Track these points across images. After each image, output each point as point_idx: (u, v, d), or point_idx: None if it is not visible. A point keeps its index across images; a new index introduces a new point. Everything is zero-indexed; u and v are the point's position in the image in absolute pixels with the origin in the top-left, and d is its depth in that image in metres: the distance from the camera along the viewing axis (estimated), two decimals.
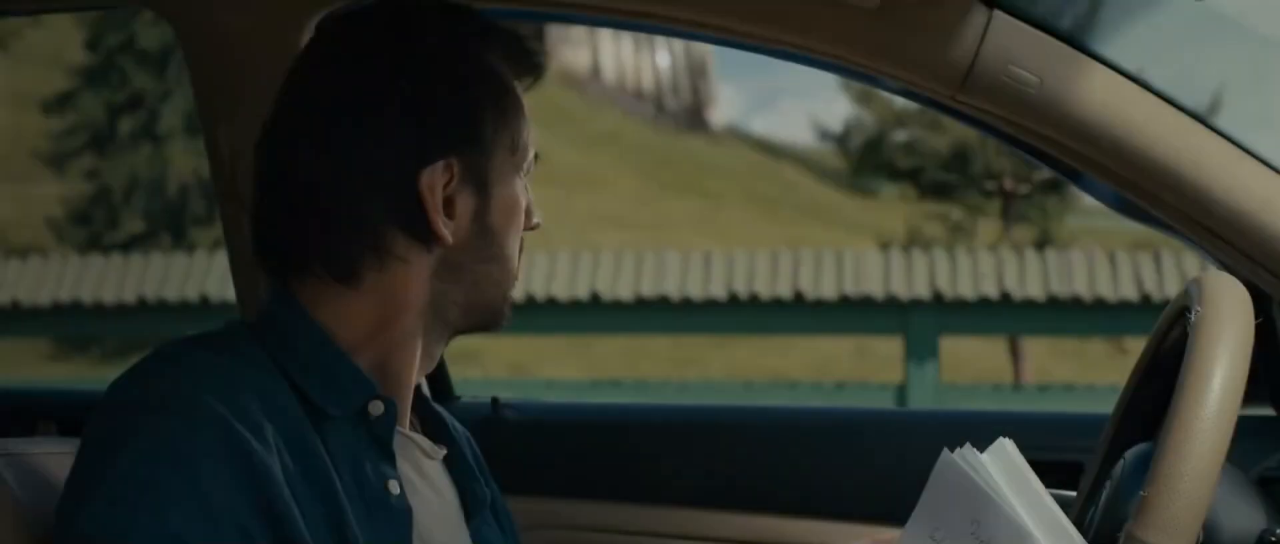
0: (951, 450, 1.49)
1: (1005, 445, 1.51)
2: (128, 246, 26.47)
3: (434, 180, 1.61)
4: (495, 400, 2.69)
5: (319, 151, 1.60)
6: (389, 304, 1.63)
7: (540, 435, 2.68)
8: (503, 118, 1.68)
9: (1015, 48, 1.85)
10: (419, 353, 1.68)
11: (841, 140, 27.06)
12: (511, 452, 2.54)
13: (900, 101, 23.81)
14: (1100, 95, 1.85)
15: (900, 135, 25.82)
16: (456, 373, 2.80)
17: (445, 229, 1.62)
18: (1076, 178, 2.00)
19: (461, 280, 1.68)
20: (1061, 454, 2.35)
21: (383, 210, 1.60)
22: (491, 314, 1.73)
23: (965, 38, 1.84)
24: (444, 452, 1.76)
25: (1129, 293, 12.24)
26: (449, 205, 1.63)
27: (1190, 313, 1.50)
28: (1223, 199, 1.83)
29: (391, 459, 1.62)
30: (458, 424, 1.84)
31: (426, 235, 1.62)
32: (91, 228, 31.56)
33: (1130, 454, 1.64)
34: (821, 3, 1.85)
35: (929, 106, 2.02)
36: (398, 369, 1.66)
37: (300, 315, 1.62)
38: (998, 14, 1.85)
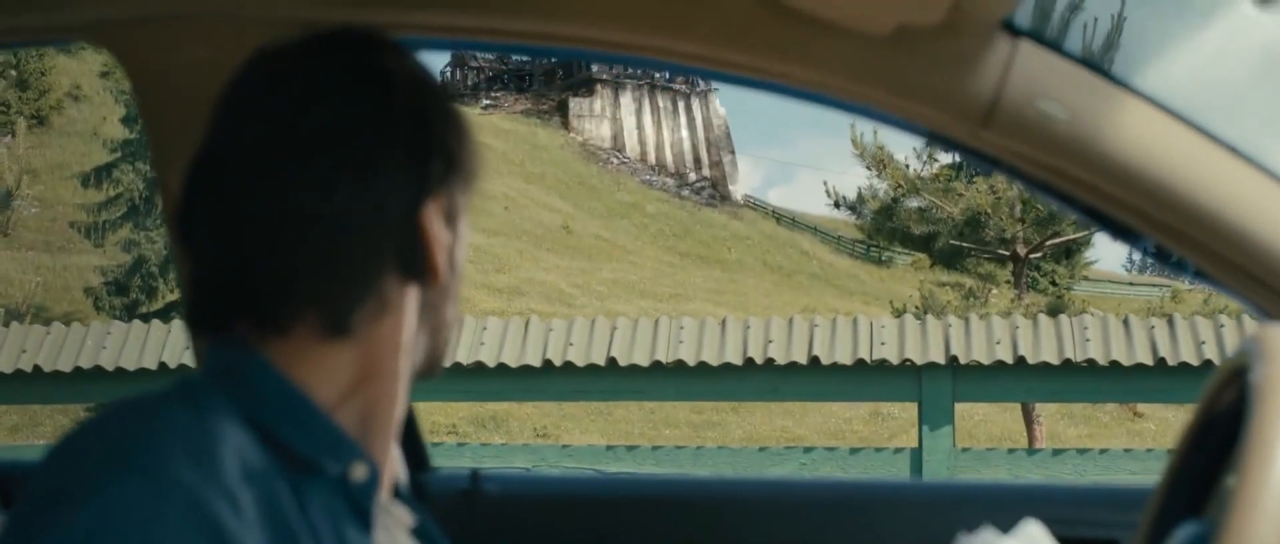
0: (971, 531, 1.31)
1: (1032, 529, 1.33)
2: (164, 315, 26.69)
3: (431, 215, 1.48)
4: (475, 473, 2.52)
5: (318, 197, 1.42)
6: (375, 353, 1.47)
7: (522, 509, 2.51)
8: (471, 145, 1.57)
9: (1043, 79, 1.67)
10: (400, 405, 1.52)
11: (856, 208, 26.92)
12: (492, 526, 2.39)
13: (914, 168, 23.80)
14: (1136, 131, 1.67)
15: (914, 202, 25.67)
16: (481, 438, 2.65)
17: (442, 264, 1.50)
18: (1106, 222, 1.81)
19: (429, 321, 1.54)
20: (1093, 530, 2.18)
21: (389, 253, 1.46)
22: (441, 359, 1.60)
23: (988, 69, 1.66)
24: (416, 521, 1.62)
25: (1143, 357, 12.09)
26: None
27: (1248, 373, 1.31)
28: (1274, 245, 1.65)
29: (371, 531, 1.46)
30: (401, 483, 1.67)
31: (420, 274, 1.49)
32: (129, 297, 32.02)
33: (1181, 534, 1.45)
34: (830, 33, 1.68)
35: (950, 147, 1.83)
36: (380, 425, 1.50)
37: (268, 373, 1.43)
38: (1023, 43, 1.67)
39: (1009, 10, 1.65)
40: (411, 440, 2.45)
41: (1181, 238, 1.71)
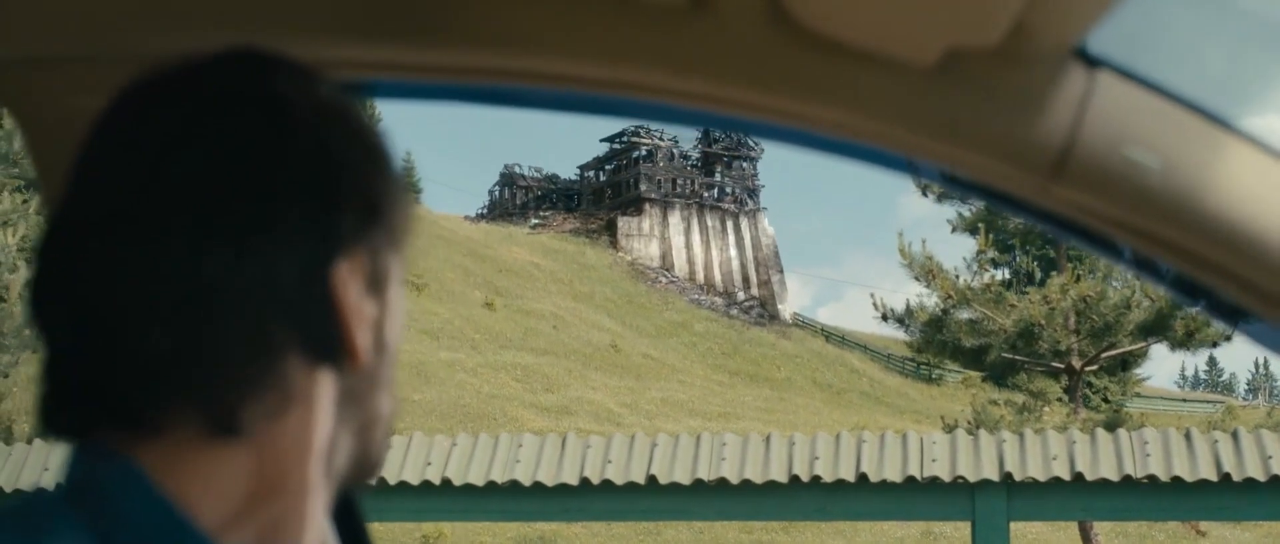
0: None
1: None
2: None
3: (346, 278, 1.15)
4: None
5: (192, 260, 1.10)
6: (277, 459, 1.14)
7: None
8: (400, 192, 1.24)
9: (1128, 120, 1.33)
10: (312, 525, 1.18)
11: (904, 320, 26.61)
12: None
13: (964, 279, 23.69)
14: (1247, 184, 1.34)
15: (964, 314, 25.37)
16: None
17: (362, 342, 1.16)
18: (1207, 299, 1.47)
19: (353, 417, 1.20)
20: None
21: (288, 329, 1.13)
22: (374, 464, 1.24)
23: (1059, 107, 1.33)
24: None
25: (1207, 473, 11.72)
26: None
27: None
28: None
29: None
30: None
31: (335, 355, 1.15)
32: None
33: None
34: (863, 64, 1.35)
35: (1012, 208, 1.50)
36: None
37: (136, 486, 1.10)
38: (1102, 75, 1.34)
39: (1084, 33, 1.32)
40: None
41: None
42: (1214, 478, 11.73)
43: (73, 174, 1.17)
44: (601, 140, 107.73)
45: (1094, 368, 26.47)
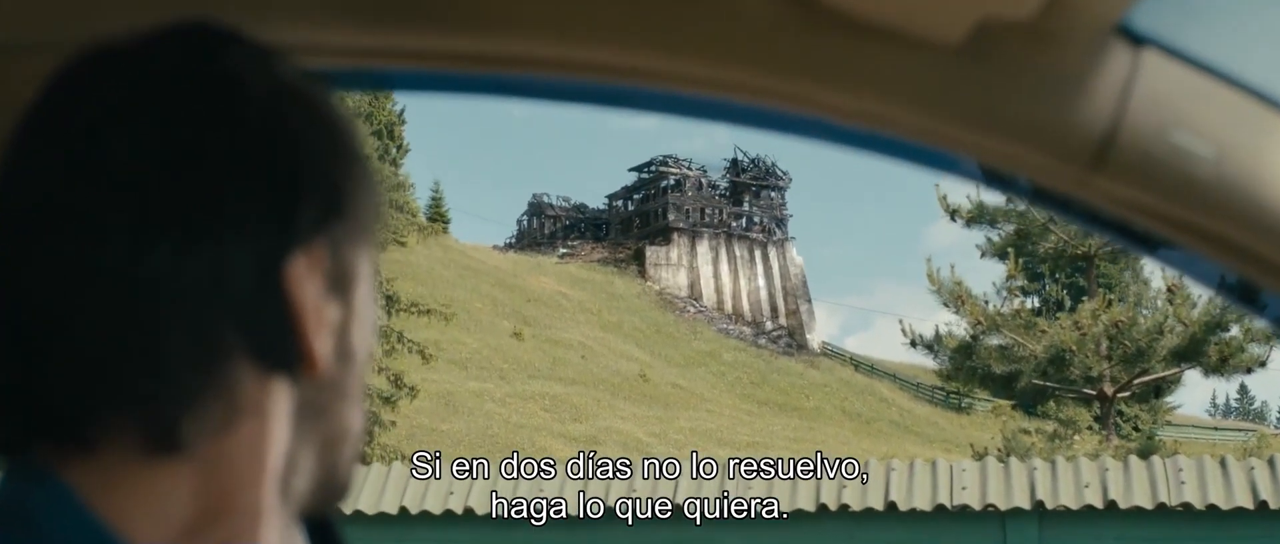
0: None
1: None
2: None
3: (303, 277, 1.03)
4: None
5: (128, 255, 0.98)
6: (225, 478, 1.02)
7: None
8: (368, 183, 1.11)
9: (1177, 103, 1.21)
10: None
11: (933, 347, 26.50)
12: None
13: (994, 304, 23.50)
14: None
15: (994, 340, 25.26)
16: None
17: (321, 348, 1.04)
18: (1261, 304, 1.34)
19: (315, 431, 1.08)
20: None
21: (236, 333, 1.01)
22: (342, 485, 1.12)
23: (1100, 90, 1.21)
24: None
25: (1243, 500, 11.61)
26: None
27: None
28: None
29: None
30: None
31: (289, 363, 1.03)
32: None
33: None
34: (884, 43, 1.23)
35: (1048, 204, 1.38)
36: None
37: (66, 508, 0.99)
38: (1148, 54, 1.22)
39: (1128, 8, 1.20)
40: None
41: None
42: (1250, 506, 11.65)
43: (2, 160, 1.05)
44: (629, 169, 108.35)
45: (1125, 395, 26.37)
